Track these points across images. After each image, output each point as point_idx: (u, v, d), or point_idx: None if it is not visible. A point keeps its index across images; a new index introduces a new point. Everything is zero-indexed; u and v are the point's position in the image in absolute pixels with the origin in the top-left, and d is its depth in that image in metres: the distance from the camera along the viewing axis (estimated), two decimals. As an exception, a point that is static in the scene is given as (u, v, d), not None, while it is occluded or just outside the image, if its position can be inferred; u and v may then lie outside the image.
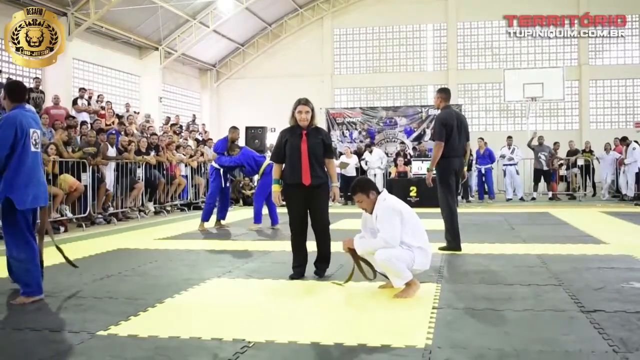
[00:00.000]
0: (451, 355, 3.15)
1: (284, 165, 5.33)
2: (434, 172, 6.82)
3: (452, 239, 6.68)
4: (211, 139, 16.74)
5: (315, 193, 5.18)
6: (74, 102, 13.97)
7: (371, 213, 4.64)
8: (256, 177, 16.34)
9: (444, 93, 6.94)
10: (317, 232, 5.29)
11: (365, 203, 4.65)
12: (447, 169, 6.68)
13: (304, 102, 5.23)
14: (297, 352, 3.25)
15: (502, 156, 16.30)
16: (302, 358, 3.20)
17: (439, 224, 9.61)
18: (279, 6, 22.15)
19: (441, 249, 6.62)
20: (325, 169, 5.30)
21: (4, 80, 12.20)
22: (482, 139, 16.41)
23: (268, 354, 3.22)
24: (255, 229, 9.27)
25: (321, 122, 14.58)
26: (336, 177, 5.35)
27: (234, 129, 9.68)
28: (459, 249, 6.65)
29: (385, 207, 4.52)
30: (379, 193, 4.66)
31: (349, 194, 5.07)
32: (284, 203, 5.45)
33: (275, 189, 5.43)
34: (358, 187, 4.68)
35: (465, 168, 15.76)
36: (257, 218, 9.41)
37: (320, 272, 5.32)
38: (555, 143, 16.45)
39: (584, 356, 3.11)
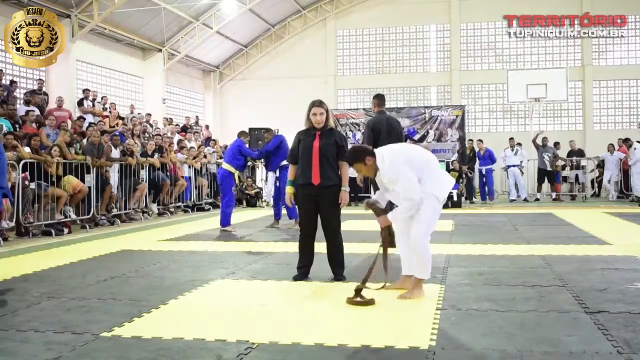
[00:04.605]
0: (455, 357, 3.14)
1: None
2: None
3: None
4: (215, 140, 16.75)
5: (325, 194, 5.11)
6: (80, 103, 14.00)
7: (375, 177, 4.54)
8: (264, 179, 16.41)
9: (377, 99, 7.14)
10: (327, 236, 5.22)
11: (366, 170, 4.54)
12: None
13: (318, 104, 5.21)
14: (301, 354, 3.25)
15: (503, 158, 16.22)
16: (305, 359, 3.19)
17: (444, 225, 9.60)
18: (282, 7, 22.19)
19: None
20: (339, 172, 5.19)
21: (7, 82, 12.22)
22: (480, 140, 16.37)
23: (272, 355, 3.22)
24: (294, 227, 9.23)
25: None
26: (347, 181, 5.20)
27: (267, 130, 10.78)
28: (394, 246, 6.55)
29: (390, 166, 4.38)
30: (374, 155, 4.52)
31: (351, 195, 4.90)
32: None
33: (289, 190, 5.41)
34: (352, 159, 4.58)
35: (466, 167, 15.44)
36: (292, 213, 9.63)
37: (339, 276, 5.20)
38: (556, 143, 16.36)
39: (588, 357, 3.11)
